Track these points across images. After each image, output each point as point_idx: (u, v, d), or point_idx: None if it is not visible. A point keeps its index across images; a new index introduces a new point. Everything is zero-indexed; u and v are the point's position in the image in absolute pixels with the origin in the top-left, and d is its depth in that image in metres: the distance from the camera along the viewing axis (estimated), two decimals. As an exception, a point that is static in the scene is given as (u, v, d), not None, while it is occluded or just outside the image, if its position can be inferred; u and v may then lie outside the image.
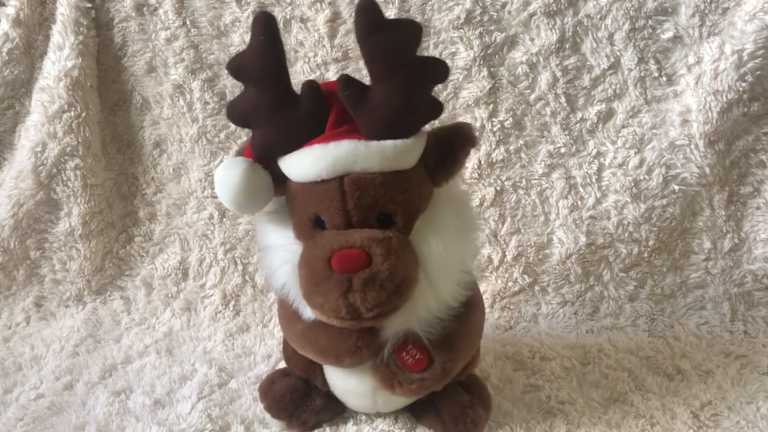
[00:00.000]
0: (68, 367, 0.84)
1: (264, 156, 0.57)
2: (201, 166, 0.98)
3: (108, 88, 0.99)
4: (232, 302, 0.96)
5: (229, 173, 0.56)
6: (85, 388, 0.79)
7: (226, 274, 0.98)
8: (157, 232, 1.01)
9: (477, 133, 0.58)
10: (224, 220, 0.98)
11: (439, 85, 0.89)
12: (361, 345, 0.58)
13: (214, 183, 0.57)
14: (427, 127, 0.58)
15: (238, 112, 0.57)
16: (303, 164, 0.55)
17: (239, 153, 0.60)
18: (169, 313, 0.95)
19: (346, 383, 0.65)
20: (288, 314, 0.62)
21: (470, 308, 0.62)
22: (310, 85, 0.55)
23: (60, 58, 0.93)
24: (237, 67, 0.56)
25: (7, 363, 0.86)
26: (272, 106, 0.55)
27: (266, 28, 0.54)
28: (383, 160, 0.54)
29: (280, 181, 0.58)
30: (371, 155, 0.53)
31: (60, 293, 0.99)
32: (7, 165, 1.00)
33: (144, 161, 1.00)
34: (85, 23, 0.94)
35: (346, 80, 0.53)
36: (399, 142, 0.54)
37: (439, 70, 0.55)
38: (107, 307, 0.97)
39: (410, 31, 0.53)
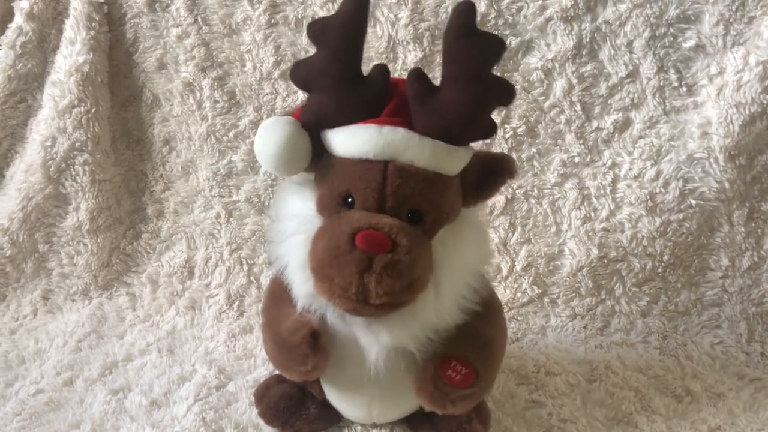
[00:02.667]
0: (70, 362, 0.84)
1: (314, 123, 0.56)
2: (209, 164, 0.97)
3: (119, 84, 0.99)
4: (237, 303, 0.95)
5: (277, 129, 0.55)
6: (84, 384, 0.79)
7: (231, 274, 0.97)
8: (164, 229, 1.01)
9: (518, 168, 0.58)
10: (231, 220, 0.98)
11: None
12: (289, 366, 0.60)
13: (257, 137, 0.56)
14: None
15: (303, 72, 0.57)
16: (354, 139, 0.54)
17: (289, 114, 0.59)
18: (173, 311, 0.95)
19: (340, 393, 0.65)
20: (272, 295, 0.62)
21: (498, 311, 0.64)
22: (381, 69, 0.55)
23: (71, 53, 0.93)
24: (318, 30, 0.55)
25: (11, 356, 0.86)
26: (339, 77, 0.54)
27: (359, 4, 0.54)
28: (433, 158, 0.54)
29: (314, 156, 0.57)
30: (423, 149, 0.53)
31: (67, 287, 0.99)
32: (18, 158, 1.00)
33: (153, 158, 1.00)
34: (97, 18, 0.94)
35: (419, 73, 0.54)
36: (452, 146, 0.54)
37: (508, 93, 0.54)
38: (113, 303, 0.97)
39: (497, 46, 0.52)
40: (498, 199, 0.91)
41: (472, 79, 0.52)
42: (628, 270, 0.88)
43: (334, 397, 0.66)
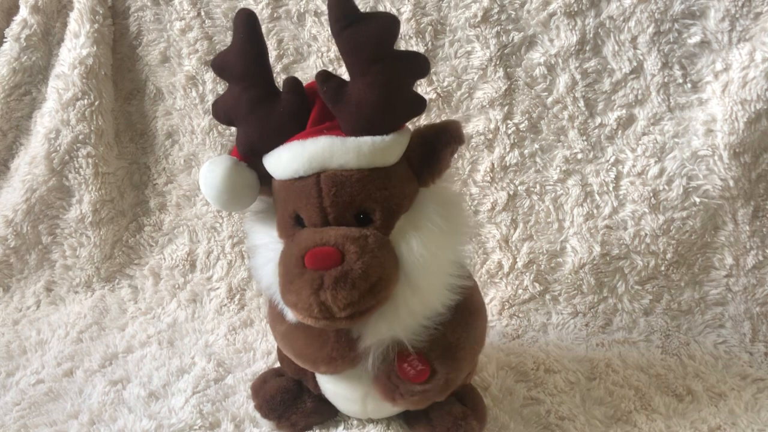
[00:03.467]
0: (70, 353, 0.84)
1: (248, 154, 0.56)
2: (211, 158, 0.97)
3: (123, 77, 0.99)
4: (238, 296, 0.95)
5: (213, 170, 0.55)
6: (84, 375, 0.80)
7: (232, 268, 0.97)
8: (166, 222, 1.01)
9: (464, 131, 0.56)
10: (232, 213, 0.98)
11: (453, 85, 0.88)
12: (336, 355, 0.56)
13: (200, 180, 0.57)
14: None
15: (221, 110, 0.57)
16: (281, 161, 0.54)
17: (229, 152, 0.59)
18: (175, 304, 0.96)
19: (336, 387, 0.64)
20: (274, 314, 0.61)
21: (473, 315, 0.60)
22: (291, 82, 0.55)
23: (75, 46, 0.94)
24: (220, 65, 0.56)
25: (12, 346, 0.87)
26: (253, 104, 0.54)
27: (247, 26, 0.53)
28: (360, 157, 0.52)
29: (268, 180, 0.57)
30: (347, 152, 0.52)
31: (70, 279, 1.00)
32: (23, 150, 1.01)
33: (156, 151, 1.01)
34: (101, 12, 0.94)
35: (325, 75, 0.52)
36: (377, 138, 0.52)
37: (418, 64, 0.53)
38: (115, 295, 0.98)
39: (386, 23, 0.51)
40: (500, 196, 0.90)
41: (372, 63, 0.50)
42: (630, 268, 0.88)
43: (329, 391, 0.65)
